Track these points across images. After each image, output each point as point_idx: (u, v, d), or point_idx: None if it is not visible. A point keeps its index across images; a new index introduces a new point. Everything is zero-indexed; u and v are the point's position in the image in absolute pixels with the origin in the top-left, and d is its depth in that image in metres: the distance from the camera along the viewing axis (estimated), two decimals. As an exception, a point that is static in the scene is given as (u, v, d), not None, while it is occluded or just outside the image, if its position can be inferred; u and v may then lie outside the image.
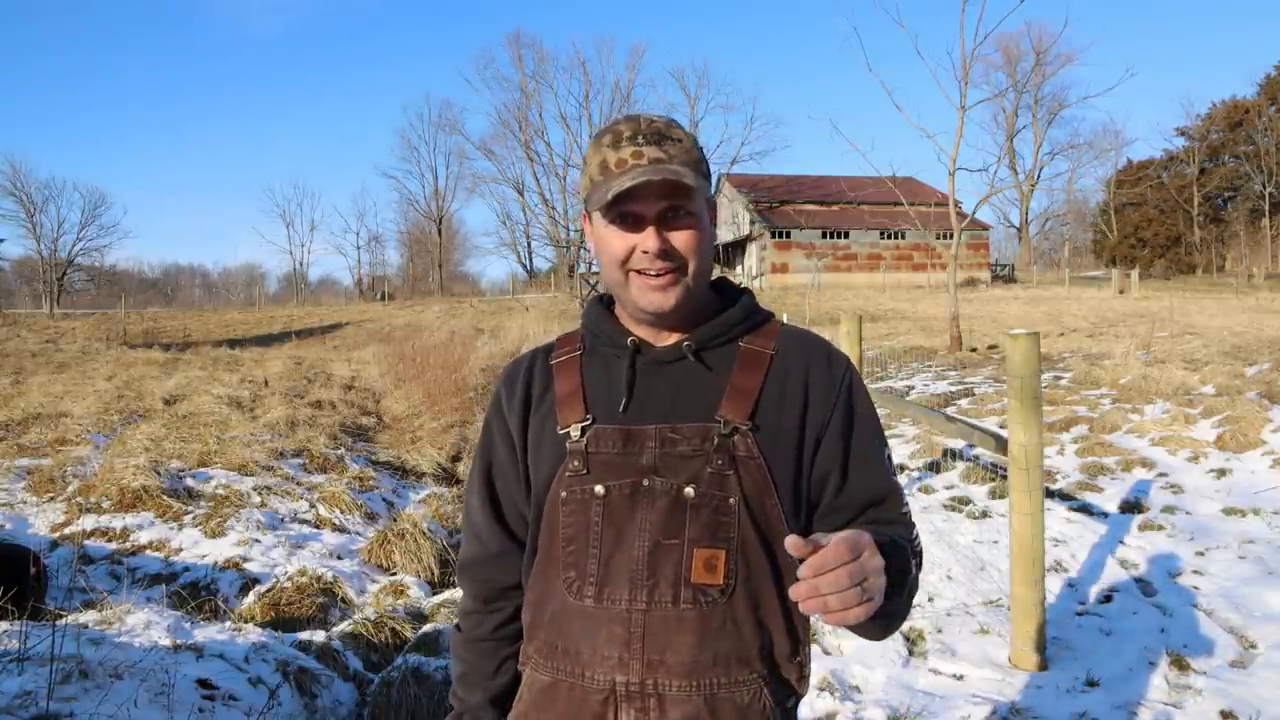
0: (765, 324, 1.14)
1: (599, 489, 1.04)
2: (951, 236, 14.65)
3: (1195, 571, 3.98)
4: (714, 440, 1.02)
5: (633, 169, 1.00)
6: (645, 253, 1.03)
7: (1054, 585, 3.85)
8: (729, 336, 1.10)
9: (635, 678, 1.01)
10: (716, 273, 1.19)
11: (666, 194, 1.02)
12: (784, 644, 1.05)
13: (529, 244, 59.06)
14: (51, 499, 5.08)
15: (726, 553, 1.01)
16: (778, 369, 1.08)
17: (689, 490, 1.02)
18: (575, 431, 1.07)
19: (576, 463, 1.06)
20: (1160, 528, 4.61)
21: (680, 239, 1.04)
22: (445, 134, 70.31)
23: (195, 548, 4.35)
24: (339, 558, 4.37)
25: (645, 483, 1.03)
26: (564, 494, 1.06)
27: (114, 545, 4.35)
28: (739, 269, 44.03)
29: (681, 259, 1.04)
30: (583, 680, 1.04)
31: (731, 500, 1.02)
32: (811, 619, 1.00)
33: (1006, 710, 2.81)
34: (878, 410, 1.17)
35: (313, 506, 5.15)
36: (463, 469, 6.98)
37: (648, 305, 1.05)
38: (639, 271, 1.04)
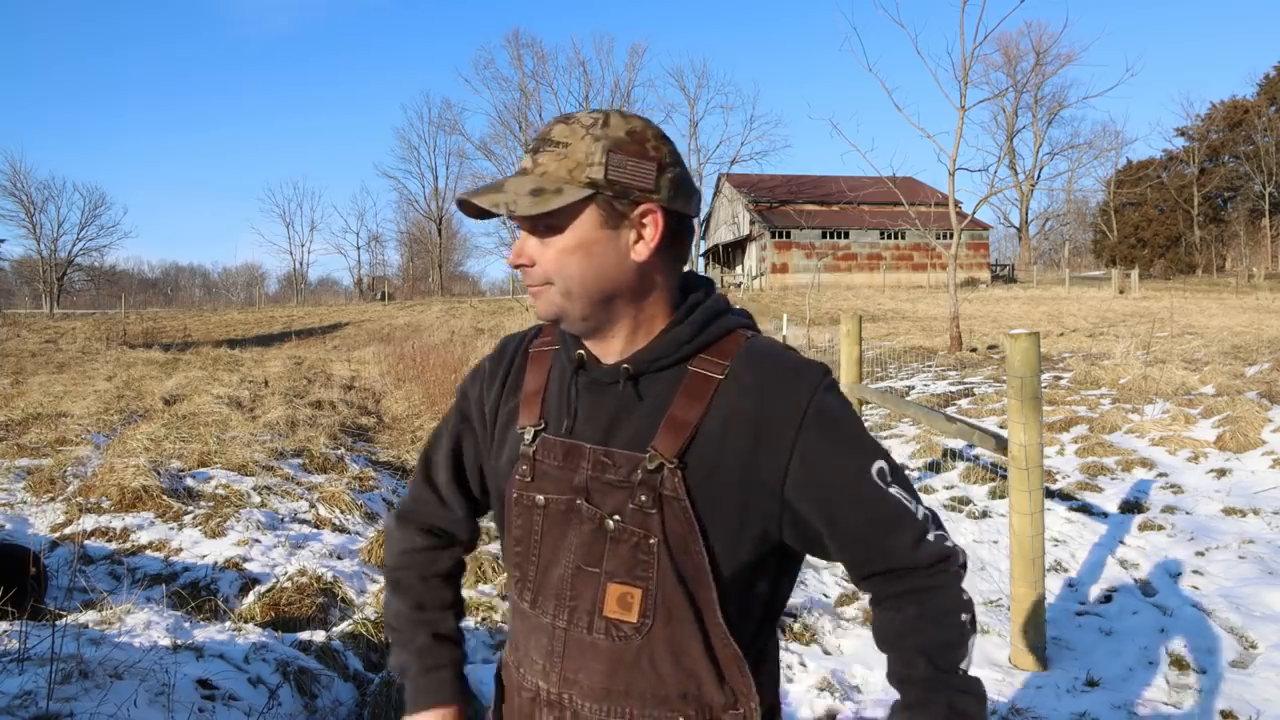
0: (724, 339, 0.99)
1: (540, 499, 1.00)
2: (951, 236, 14.65)
3: (1195, 571, 3.98)
4: (639, 474, 0.94)
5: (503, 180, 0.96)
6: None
7: (1054, 585, 3.85)
8: (675, 358, 0.97)
9: (554, 688, 1.01)
10: (717, 274, 1.15)
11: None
12: (715, 694, 0.96)
13: (529, 244, 58.95)
14: (51, 499, 5.08)
15: (644, 592, 0.94)
16: (724, 398, 0.94)
17: (610, 522, 0.95)
18: (528, 435, 1.03)
19: (525, 467, 1.02)
20: (1160, 528, 4.61)
21: (540, 252, 0.95)
22: (445, 134, 70.45)
23: (195, 548, 4.35)
24: (339, 558, 4.36)
25: (578, 502, 0.97)
26: (515, 495, 1.03)
27: (114, 545, 4.35)
28: (739, 269, 44.05)
29: (541, 273, 0.95)
30: (520, 674, 1.05)
31: (652, 540, 0.93)
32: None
33: (1006, 710, 2.81)
34: (878, 412, 1.12)
35: (313, 506, 5.15)
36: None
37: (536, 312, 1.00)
38: None
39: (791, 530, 0.96)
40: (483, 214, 0.95)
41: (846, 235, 42.28)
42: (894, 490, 0.95)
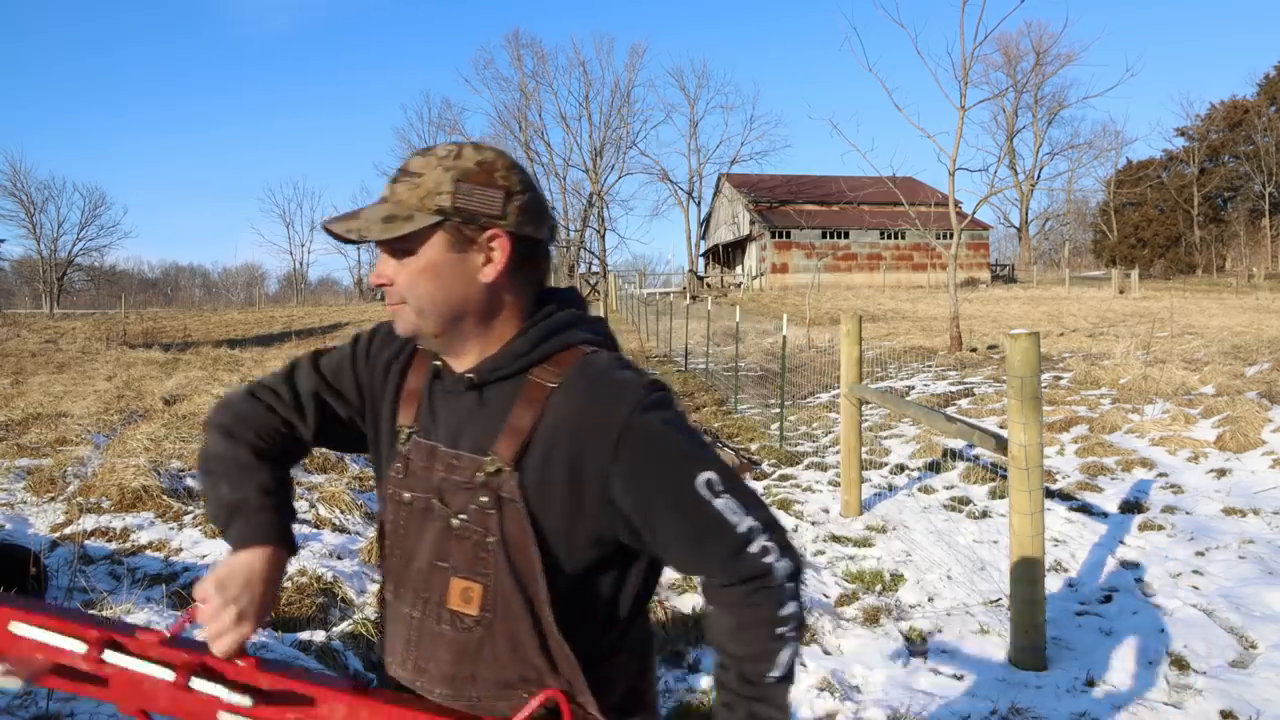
0: (562, 353, 1.05)
1: (406, 495, 1.07)
2: (951, 236, 14.65)
3: (1195, 571, 3.98)
4: (480, 476, 1.01)
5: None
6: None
7: (1054, 585, 3.85)
8: (513, 369, 1.03)
9: (408, 675, 1.08)
10: (717, 274, 1.17)
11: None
12: (554, 682, 1.02)
13: (529, 244, 58.98)
14: (51, 499, 5.08)
15: (484, 588, 1.02)
16: (555, 408, 1.00)
17: (455, 520, 1.02)
18: (403, 434, 1.10)
19: (399, 464, 1.09)
20: (1160, 528, 4.61)
21: (396, 273, 1.02)
22: (445, 134, 70.32)
23: (195, 548, 4.35)
24: (339, 558, 4.36)
25: (433, 501, 1.05)
26: (390, 490, 1.10)
27: (114, 545, 4.35)
28: (739, 269, 44.05)
29: (398, 293, 1.02)
30: (387, 664, 1.13)
31: (490, 539, 1.00)
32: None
33: (1006, 710, 2.81)
34: (878, 412, 1.13)
35: (312, 506, 5.15)
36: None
37: None
38: None
39: (625, 533, 1.01)
40: (343, 239, 1.02)
41: (846, 235, 42.29)
42: (719, 502, 0.98)
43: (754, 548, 0.99)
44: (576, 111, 56.55)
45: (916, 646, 3.36)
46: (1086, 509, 5.04)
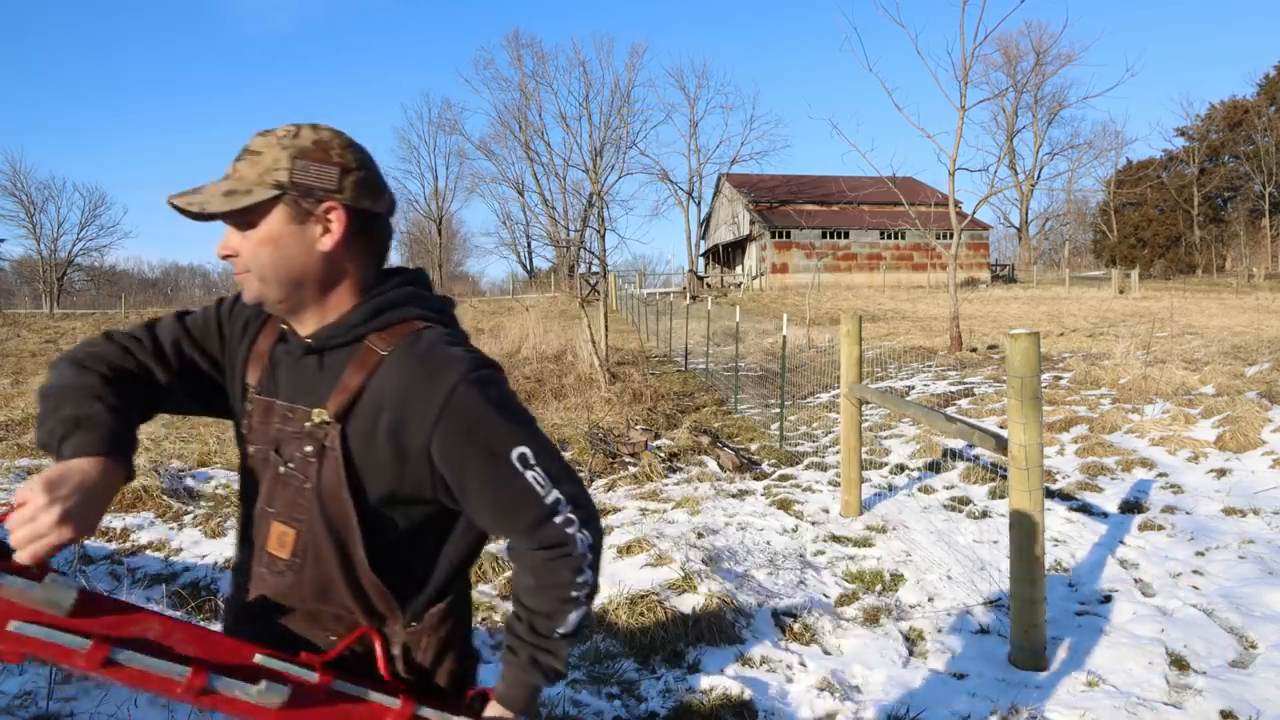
0: (398, 325, 1.13)
1: (251, 449, 1.17)
2: (951, 236, 14.65)
3: (1195, 571, 3.98)
4: (307, 426, 1.10)
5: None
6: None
7: (1054, 585, 3.85)
8: (350, 337, 1.11)
9: (239, 614, 1.18)
10: (717, 274, 1.18)
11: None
12: (371, 623, 1.13)
13: (529, 244, 59.17)
14: (51, 499, 5.08)
15: (297, 533, 1.11)
16: (384, 374, 1.08)
17: (282, 468, 1.12)
18: (251, 393, 1.18)
19: (246, 420, 1.18)
20: (1160, 528, 4.61)
21: (240, 245, 1.09)
22: (445, 134, 70.43)
23: (195, 548, 4.36)
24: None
25: (270, 452, 1.13)
26: (241, 445, 1.19)
27: (114, 545, 4.35)
28: (739, 269, 44.03)
29: (243, 263, 1.09)
30: (228, 607, 1.23)
31: (307, 486, 1.10)
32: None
33: (1006, 710, 2.81)
34: (878, 412, 1.14)
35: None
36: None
37: None
38: None
39: (444, 493, 1.11)
40: (186, 213, 1.07)
41: (846, 235, 42.28)
42: (530, 474, 1.08)
43: (559, 519, 1.10)
44: (576, 111, 56.67)
45: (916, 646, 3.36)
46: (1086, 509, 5.04)
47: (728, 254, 46.50)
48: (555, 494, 1.10)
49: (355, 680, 1.07)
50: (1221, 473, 5.61)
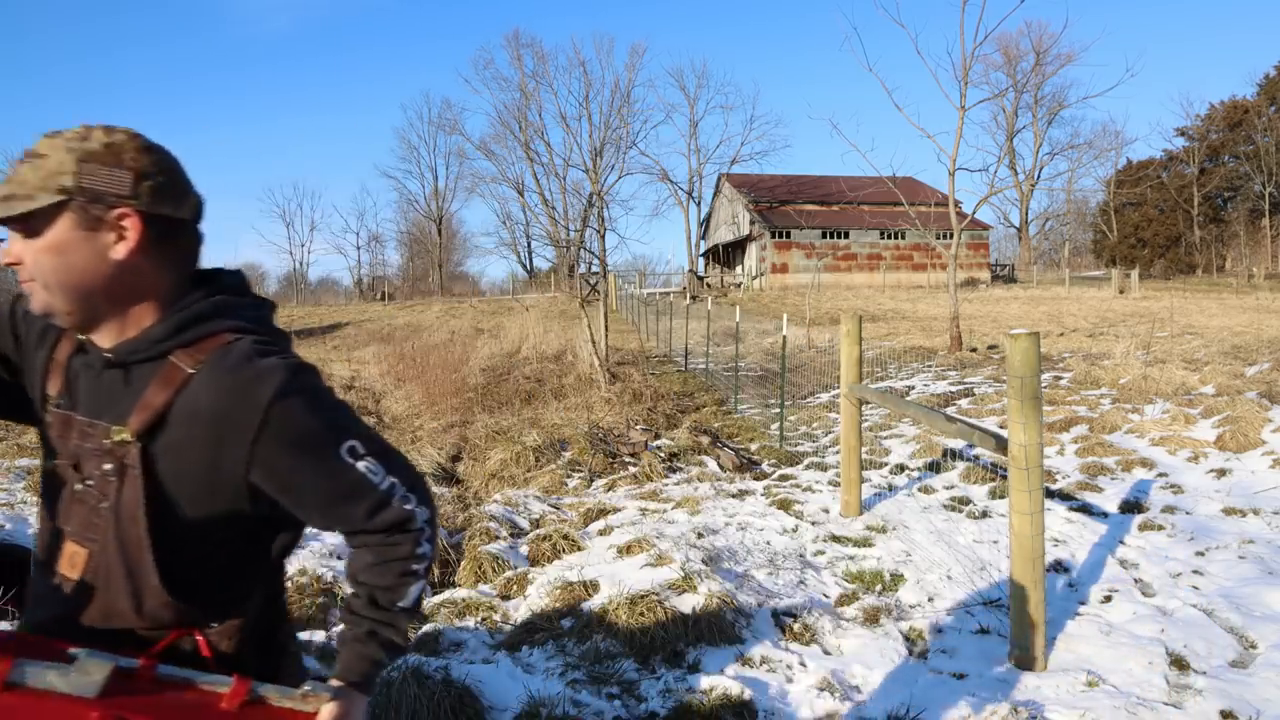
0: (205, 340, 1.08)
1: (50, 463, 1.12)
2: (951, 236, 14.66)
3: (1195, 571, 3.98)
4: (108, 444, 1.05)
5: None
6: None
7: (1054, 585, 3.85)
8: (153, 352, 1.06)
9: (35, 629, 1.12)
10: (717, 274, 1.18)
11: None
12: (154, 636, 1.08)
13: (529, 244, 59.16)
14: (51, 499, 5.09)
15: (89, 554, 1.07)
16: (193, 392, 1.04)
17: (79, 485, 1.08)
18: (51, 404, 1.13)
19: (47, 433, 1.13)
20: (1160, 528, 4.61)
21: (25, 252, 1.04)
22: (445, 134, 70.41)
23: None
24: (339, 558, 4.36)
25: (70, 468, 1.09)
26: (42, 461, 1.15)
27: None
28: (739, 269, 44.04)
29: (27, 271, 1.04)
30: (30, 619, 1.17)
31: (104, 505, 1.05)
32: None
33: (1006, 710, 2.80)
34: (878, 411, 1.14)
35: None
36: (462, 469, 6.99)
37: None
38: None
39: (265, 508, 1.09)
40: None
41: (846, 235, 42.28)
42: (362, 465, 1.09)
43: (396, 501, 1.12)
44: (576, 111, 56.66)
45: (916, 646, 3.36)
46: (1086, 509, 5.04)
47: (728, 254, 46.50)
48: (389, 479, 1.11)
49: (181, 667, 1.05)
50: (1221, 473, 5.61)
